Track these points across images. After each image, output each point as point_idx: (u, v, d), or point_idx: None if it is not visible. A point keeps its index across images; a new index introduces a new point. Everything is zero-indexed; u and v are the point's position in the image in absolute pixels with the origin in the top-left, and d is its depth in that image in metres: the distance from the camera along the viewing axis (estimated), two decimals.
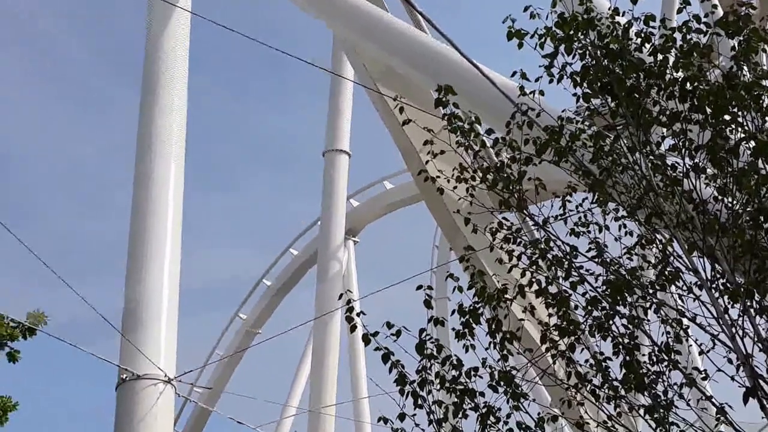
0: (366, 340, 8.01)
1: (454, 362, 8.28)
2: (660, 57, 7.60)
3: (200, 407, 33.83)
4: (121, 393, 13.94)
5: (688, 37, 7.58)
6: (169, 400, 14.11)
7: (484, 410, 8.21)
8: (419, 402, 8.16)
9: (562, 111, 8.32)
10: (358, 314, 8.17)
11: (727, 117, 7.27)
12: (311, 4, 17.15)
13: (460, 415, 8.26)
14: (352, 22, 16.58)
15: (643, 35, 7.76)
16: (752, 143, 7.20)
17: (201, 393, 33.50)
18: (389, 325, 8.02)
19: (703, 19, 7.65)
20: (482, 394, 8.29)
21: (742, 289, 7.18)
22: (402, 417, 8.11)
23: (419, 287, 8.51)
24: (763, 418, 7.22)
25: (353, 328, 8.18)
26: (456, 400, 8.24)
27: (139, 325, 14.24)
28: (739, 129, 7.27)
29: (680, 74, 7.46)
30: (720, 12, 7.91)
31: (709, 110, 7.24)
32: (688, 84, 7.37)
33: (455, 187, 8.68)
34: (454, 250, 20.53)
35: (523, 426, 8.22)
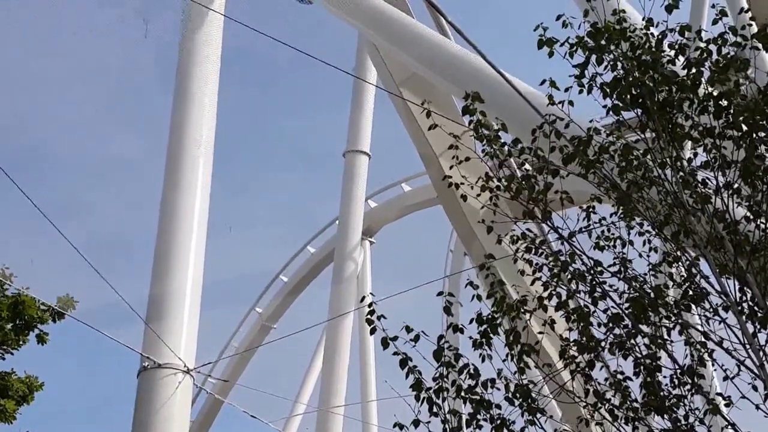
0: (385, 343, 7.69)
1: (472, 372, 7.94)
2: (694, 70, 7.20)
3: (213, 397, 33.78)
4: (142, 380, 14.12)
5: (724, 50, 7.18)
6: (188, 389, 14.30)
7: (498, 422, 7.87)
8: (434, 409, 7.83)
9: (590, 121, 7.95)
10: (378, 317, 7.83)
11: (762, 134, 6.86)
12: (341, 8, 16.85)
13: (474, 426, 7.93)
14: (380, 28, 16.28)
15: (677, 47, 7.36)
16: None
17: (214, 383, 33.36)
18: (408, 329, 7.70)
19: (740, 32, 7.24)
20: (498, 406, 7.94)
21: None
22: (416, 423, 7.81)
23: (440, 293, 8.19)
24: None
25: (373, 331, 7.84)
26: (471, 410, 7.91)
27: (163, 316, 14.46)
28: None
29: (714, 89, 7.05)
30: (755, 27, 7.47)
31: (744, 127, 6.83)
32: (723, 99, 6.96)
33: (479, 195, 8.31)
34: (469, 257, 20.20)
35: None
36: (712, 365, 7.73)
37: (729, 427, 7.36)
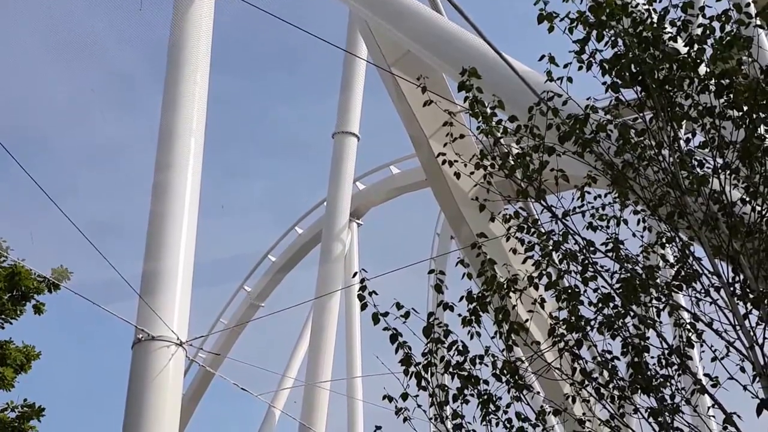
0: (375, 319, 7.50)
1: (460, 348, 7.77)
2: (696, 48, 6.93)
3: (204, 370, 33.80)
4: (136, 352, 14.15)
5: (728, 28, 6.90)
6: (180, 361, 14.33)
7: (485, 397, 7.71)
8: (423, 384, 7.67)
9: (587, 99, 7.70)
10: (370, 294, 7.63)
11: (763, 114, 6.61)
12: None
13: (461, 400, 7.77)
14: (372, 3, 15.91)
15: (679, 23, 7.09)
16: None
17: (205, 357, 33.27)
18: (399, 306, 7.52)
19: (744, 9, 6.96)
20: (486, 382, 7.78)
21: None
22: (405, 396, 7.69)
23: (431, 271, 8.00)
24: None
25: (364, 306, 7.65)
26: (459, 385, 7.75)
27: (156, 290, 14.43)
28: None
29: (716, 67, 6.78)
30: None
31: (745, 107, 6.58)
32: (725, 78, 6.70)
33: (472, 173, 8.07)
34: (456, 239, 19.99)
35: (523, 417, 7.71)
36: (701, 346, 7.54)
37: (715, 407, 7.19)
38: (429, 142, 16.61)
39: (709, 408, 7.31)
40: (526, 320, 7.98)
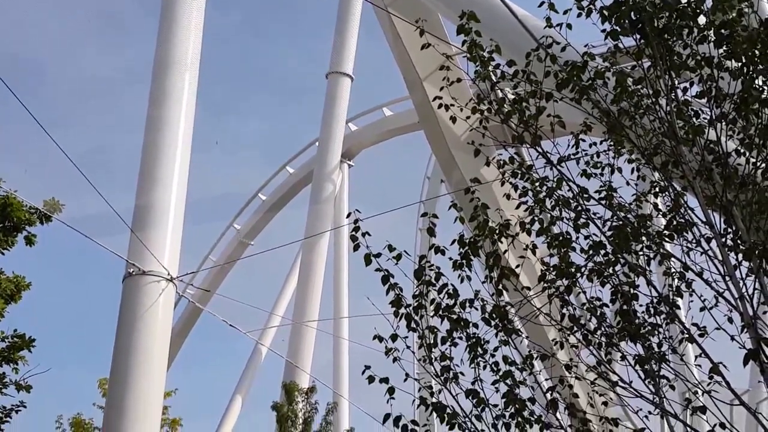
0: (367, 260, 7.50)
1: (450, 291, 7.80)
2: None
3: (192, 306, 34.00)
4: (126, 286, 14.14)
5: None
6: (171, 296, 14.34)
7: (473, 341, 7.77)
8: (412, 325, 7.70)
9: (585, 46, 7.63)
10: (363, 234, 7.62)
11: (761, 66, 6.57)
12: None
13: (449, 343, 7.83)
14: None
15: None
16: None
17: (193, 293, 33.45)
18: (391, 248, 7.52)
19: None
20: (475, 325, 7.83)
21: (759, 248, 6.54)
22: (395, 338, 7.68)
23: (424, 214, 7.99)
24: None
25: (357, 248, 7.65)
26: (448, 327, 7.79)
27: (148, 225, 14.42)
28: None
29: (716, 17, 6.72)
30: None
31: (744, 58, 6.54)
32: (725, 28, 6.65)
33: (468, 117, 8.02)
34: (447, 183, 19.99)
35: (510, 361, 7.78)
36: (690, 296, 7.59)
37: (702, 356, 7.28)
38: (423, 85, 16.51)
39: (696, 357, 7.39)
40: (517, 266, 8.00)
